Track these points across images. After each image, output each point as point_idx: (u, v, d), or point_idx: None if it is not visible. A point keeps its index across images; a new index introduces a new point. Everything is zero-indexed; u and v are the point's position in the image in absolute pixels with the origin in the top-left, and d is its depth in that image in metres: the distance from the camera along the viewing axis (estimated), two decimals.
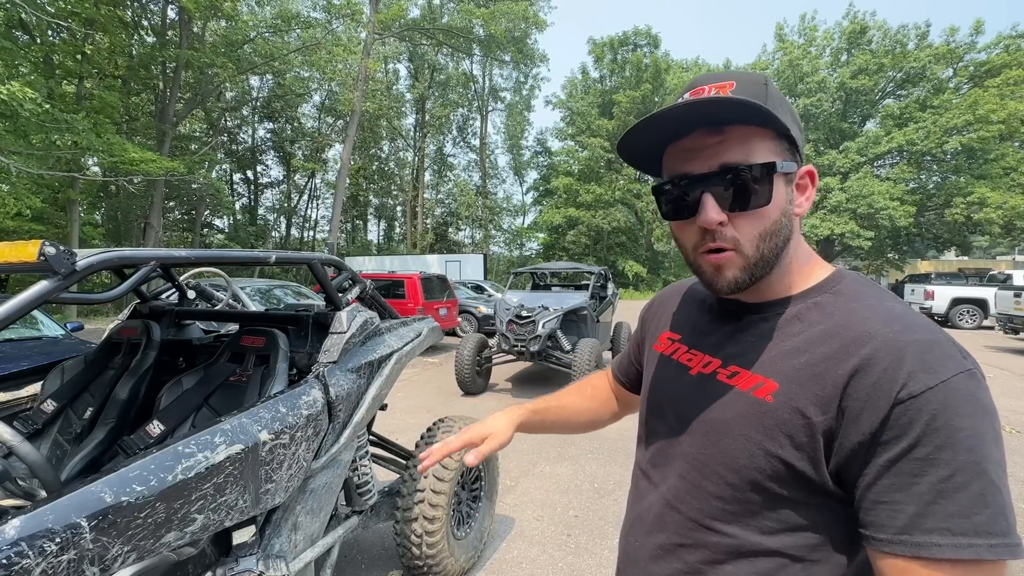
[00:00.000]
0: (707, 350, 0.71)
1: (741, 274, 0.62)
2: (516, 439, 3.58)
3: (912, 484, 0.50)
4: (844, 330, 0.58)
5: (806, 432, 0.56)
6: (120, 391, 1.99)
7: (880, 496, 0.52)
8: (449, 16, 26.17)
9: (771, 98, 0.59)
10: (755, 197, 0.59)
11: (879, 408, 0.52)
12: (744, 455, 0.61)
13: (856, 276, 0.66)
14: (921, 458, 0.49)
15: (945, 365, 0.51)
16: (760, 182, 0.59)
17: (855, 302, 0.61)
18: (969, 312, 13.88)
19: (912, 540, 0.49)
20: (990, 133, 22.30)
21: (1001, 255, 36.10)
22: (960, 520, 0.48)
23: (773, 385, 0.60)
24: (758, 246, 0.61)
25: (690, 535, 0.66)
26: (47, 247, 1.11)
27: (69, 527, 1.01)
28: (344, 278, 2.16)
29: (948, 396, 0.49)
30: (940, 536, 0.48)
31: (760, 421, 0.60)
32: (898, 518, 0.50)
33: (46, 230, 15.06)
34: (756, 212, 0.60)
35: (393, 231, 38.29)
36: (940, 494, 0.48)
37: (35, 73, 12.80)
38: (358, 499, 2.05)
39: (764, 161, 0.59)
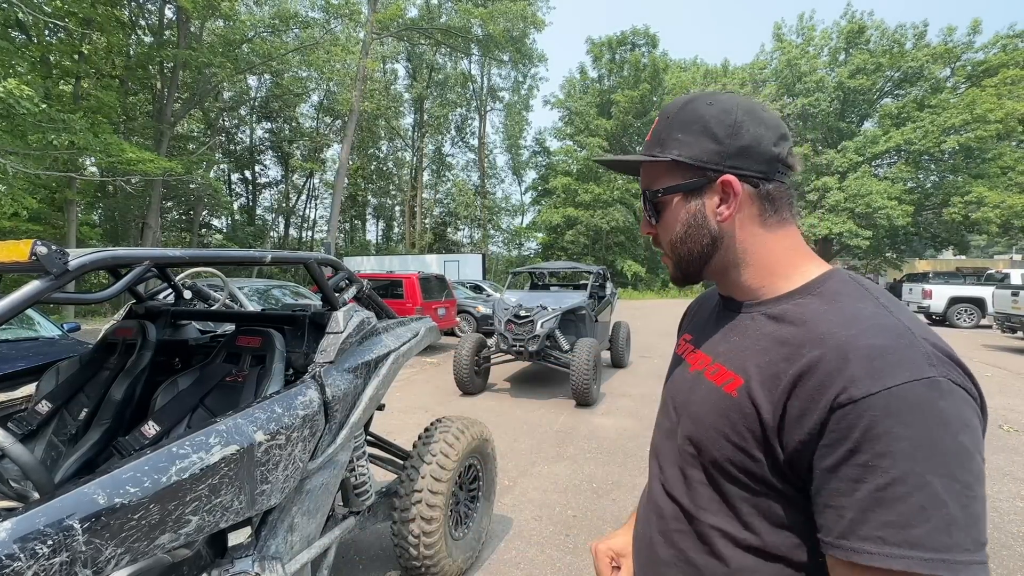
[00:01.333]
0: (705, 349, 0.76)
1: (675, 271, 0.76)
2: (514, 438, 3.57)
3: (853, 489, 0.50)
4: (804, 331, 0.59)
5: (760, 428, 0.59)
6: (115, 392, 1.98)
7: (827, 499, 0.52)
8: (447, 16, 26.13)
9: (671, 128, 0.70)
10: (652, 215, 0.75)
11: (819, 411, 0.52)
12: (716, 447, 0.64)
13: (844, 277, 0.66)
14: (861, 464, 0.49)
15: (895, 371, 0.50)
16: (651, 203, 0.74)
17: (829, 303, 0.61)
18: (967, 311, 13.91)
19: (848, 545, 0.50)
20: (988, 133, 22.34)
21: (999, 254, 36.17)
22: (894, 530, 0.47)
23: (739, 380, 0.64)
24: (674, 251, 0.73)
25: (683, 523, 0.70)
26: (39, 247, 1.10)
27: (61, 529, 1.00)
28: (341, 278, 2.16)
29: (891, 403, 0.49)
30: (873, 544, 0.48)
31: (727, 415, 0.63)
32: (840, 522, 0.51)
33: (43, 230, 15.01)
34: (661, 225, 0.74)
35: (392, 231, 38.25)
36: (877, 502, 0.48)
37: (32, 73, 12.75)
38: (355, 500, 2.05)
39: (652, 189, 0.73)
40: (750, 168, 0.66)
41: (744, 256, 0.70)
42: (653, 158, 0.71)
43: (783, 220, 0.69)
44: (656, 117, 0.75)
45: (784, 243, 0.69)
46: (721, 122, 0.67)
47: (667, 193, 0.71)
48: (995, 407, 5.70)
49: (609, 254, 32.31)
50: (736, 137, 0.66)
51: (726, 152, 0.66)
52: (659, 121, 0.73)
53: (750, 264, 0.70)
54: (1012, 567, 2.64)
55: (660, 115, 0.74)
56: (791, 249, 0.70)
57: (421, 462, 2.26)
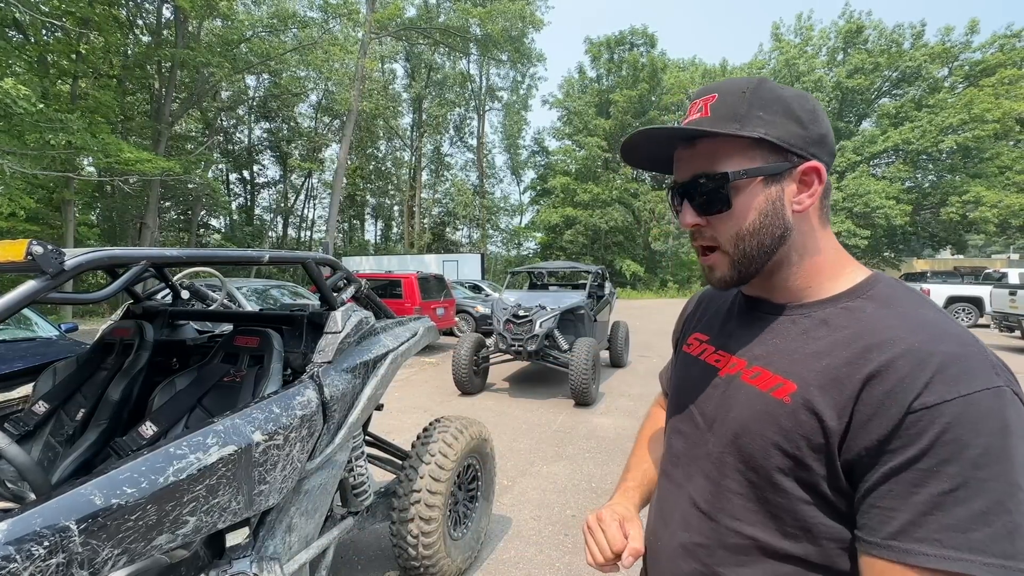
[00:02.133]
0: (734, 351, 0.72)
1: (730, 271, 0.68)
2: (513, 438, 3.56)
3: (911, 494, 0.49)
4: (868, 335, 0.57)
5: (822, 435, 0.56)
6: (113, 392, 1.98)
7: (876, 500, 0.51)
8: (446, 15, 26.11)
9: (752, 106, 0.63)
10: (716, 203, 0.65)
11: (891, 416, 0.51)
12: (761, 455, 0.61)
13: (892, 281, 0.64)
14: (924, 469, 0.48)
15: (969, 379, 0.49)
16: (718, 189, 0.64)
17: (886, 308, 0.60)
18: (965, 310, 13.93)
19: (900, 546, 0.49)
20: (985, 132, 22.42)
21: (996, 253, 36.23)
22: (954, 534, 0.46)
23: (792, 386, 0.60)
24: (737, 244, 0.65)
25: (712, 535, 0.66)
26: (34, 246, 1.10)
27: (58, 530, 1.00)
28: (339, 277, 2.15)
29: (965, 411, 0.48)
30: (929, 546, 0.47)
31: (777, 422, 0.60)
32: (890, 524, 0.50)
33: (41, 230, 14.97)
34: (727, 215, 0.65)
35: (390, 231, 38.21)
36: (937, 506, 0.47)
37: (30, 72, 12.71)
38: (354, 500, 2.04)
39: (721, 171, 0.64)
40: (823, 158, 0.64)
41: (803, 253, 0.66)
42: (737, 133, 0.62)
43: (828, 218, 0.67)
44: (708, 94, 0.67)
45: (832, 242, 0.67)
46: (802, 106, 0.64)
47: (750, 175, 0.63)
48: None
49: (608, 254, 32.30)
50: (816, 124, 0.64)
51: (810, 137, 0.63)
52: (724, 96, 0.65)
53: (804, 262, 0.66)
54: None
55: (723, 91, 0.66)
56: (836, 249, 0.67)
57: (420, 462, 2.25)
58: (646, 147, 0.71)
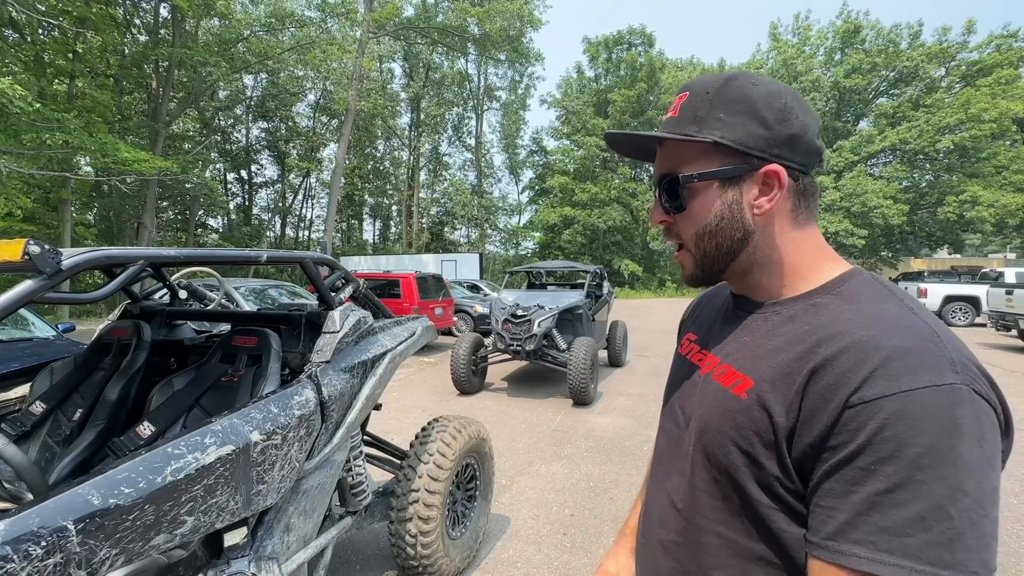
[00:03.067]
0: (712, 349, 0.73)
1: (694, 269, 0.69)
2: (512, 438, 3.56)
3: (850, 492, 0.48)
4: (821, 330, 0.56)
5: (771, 432, 0.55)
6: (110, 392, 1.97)
7: (820, 500, 0.51)
8: (444, 15, 26.11)
9: (713, 106, 0.63)
10: (676, 203, 0.67)
11: (830, 410, 0.50)
12: (721, 451, 0.61)
13: (866, 277, 0.63)
14: (862, 467, 0.47)
15: (915, 374, 0.47)
16: (677, 190, 0.66)
17: (850, 303, 0.58)
18: (962, 310, 13.98)
19: (836, 547, 0.48)
20: (982, 132, 22.49)
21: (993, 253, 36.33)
22: (888, 537, 0.45)
23: (749, 382, 0.60)
24: (698, 244, 0.67)
25: (685, 533, 0.66)
26: (31, 246, 1.09)
27: (55, 530, 1.00)
28: (337, 277, 2.15)
29: (905, 407, 0.46)
30: (863, 548, 0.46)
31: (733, 418, 0.60)
32: (829, 523, 0.49)
33: (38, 230, 14.93)
34: (687, 214, 0.66)
35: (389, 230, 38.17)
36: (873, 507, 0.46)
37: (26, 72, 12.67)
38: (352, 499, 2.04)
39: (676, 173, 0.65)
40: (793, 159, 0.62)
41: (772, 254, 0.65)
42: (689, 137, 0.63)
43: (810, 218, 0.66)
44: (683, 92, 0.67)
45: (810, 242, 0.66)
46: (770, 105, 0.61)
47: (702, 179, 0.63)
48: None
49: (606, 253, 32.32)
50: (786, 124, 0.61)
51: (774, 139, 0.61)
52: (692, 96, 0.65)
53: (776, 263, 0.65)
54: (1006, 564, 2.65)
55: (693, 90, 0.66)
56: (816, 249, 0.66)
57: (418, 461, 2.25)
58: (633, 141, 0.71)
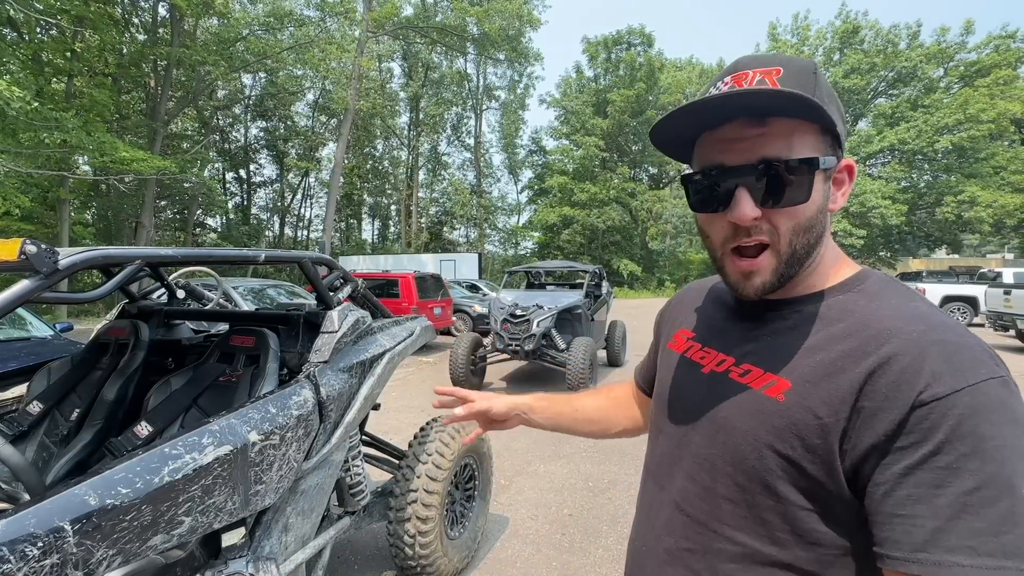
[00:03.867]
0: (721, 348, 0.69)
1: (771, 278, 0.60)
2: (511, 437, 3.53)
3: (933, 496, 0.45)
4: (864, 328, 0.55)
5: (818, 434, 0.53)
6: (107, 392, 1.97)
7: (896, 508, 0.47)
8: (443, 14, 26.11)
9: (819, 88, 0.56)
10: (793, 193, 0.56)
11: (898, 409, 0.48)
12: (753, 456, 0.58)
13: (882, 276, 0.62)
14: (943, 467, 0.45)
15: (975, 368, 0.47)
16: (800, 178, 0.56)
17: (878, 300, 0.57)
18: (960, 310, 14.00)
19: (931, 559, 0.44)
20: (980, 132, 22.55)
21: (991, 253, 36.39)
22: (987, 538, 0.43)
23: (786, 384, 0.57)
24: (791, 242, 0.58)
25: (698, 540, 0.63)
26: (28, 245, 1.09)
27: (52, 531, 0.99)
28: (335, 277, 2.15)
29: (977, 400, 0.45)
30: (964, 555, 0.43)
31: (770, 421, 0.57)
32: (916, 533, 0.45)
33: (35, 229, 14.90)
34: (793, 208, 0.57)
35: (388, 230, 38.15)
36: (964, 508, 0.44)
37: (24, 71, 12.64)
38: (350, 499, 2.04)
39: (806, 156, 0.56)
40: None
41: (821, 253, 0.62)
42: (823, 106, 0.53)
43: None
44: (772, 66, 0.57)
45: (832, 240, 0.65)
46: (837, 100, 0.59)
47: (815, 168, 0.56)
48: None
49: (605, 253, 32.34)
50: (844, 120, 0.60)
51: (844, 134, 0.59)
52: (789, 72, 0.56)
53: (817, 263, 0.62)
54: None
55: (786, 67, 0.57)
56: (834, 247, 0.65)
57: (417, 461, 2.25)
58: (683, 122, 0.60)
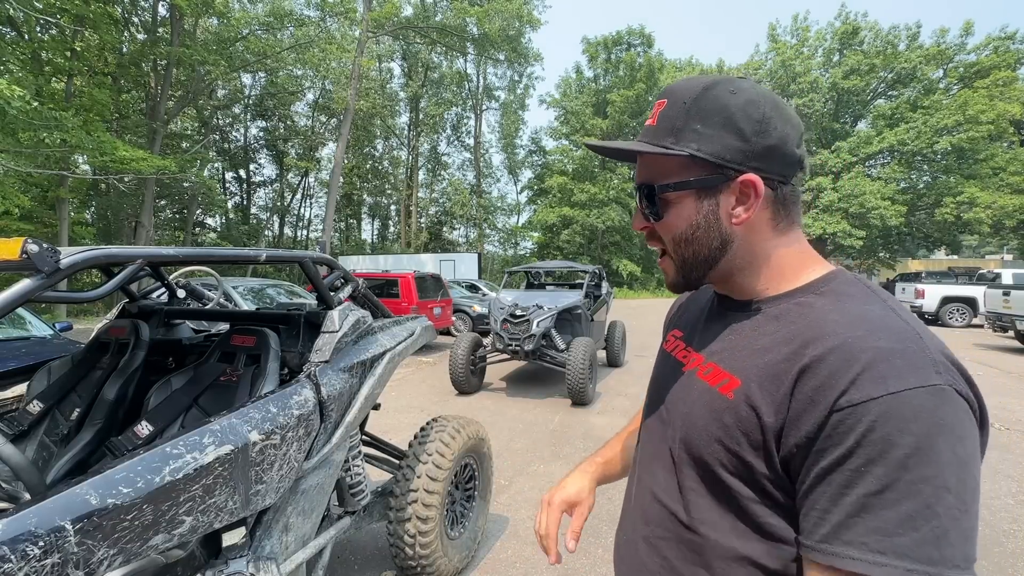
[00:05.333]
0: (697, 347, 0.73)
1: (675, 276, 0.70)
2: (511, 438, 3.55)
3: (841, 495, 0.49)
4: (807, 330, 0.57)
5: (759, 431, 0.56)
6: (108, 392, 1.96)
7: (813, 503, 0.51)
8: (443, 14, 26.10)
9: (690, 118, 0.62)
10: (654, 210, 0.67)
11: (818, 412, 0.51)
12: (708, 450, 0.61)
13: (849, 278, 0.64)
14: (853, 469, 0.48)
15: (900, 376, 0.48)
16: (652, 200, 0.67)
17: (834, 303, 0.59)
18: (959, 310, 14.02)
19: (829, 549, 0.49)
20: (979, 133, 22.55)
21: (990, 254, 36.50)
22: (879, 537, 0.46)
23: (736, 382, 0.61)
24: (676, 251, 0.68)
25: (671, 529, 0.67)
26: (29, 245, 1.09)
27: (53, 530, 0.99)
28: (336, 277, 2.15)
29: (892, 409, 0.47)
30: (856, 549, 0.47)
31: (720, 417, 0.60)
32: (822, 526, 0.50)
33: (35, 229, 14.90)
34: (664, 222, 0.67)
35: (387, 230, 38.16)
36: (864, 508, 0.47)
37: (24, 70, 12.63)
38: (351, 499, 2.04)
39: (653, 183, 0.66)
40: (772, 170, 0.62)
41: (753, 260, 0.66)
42: (665, 151, 0.63)
43: (792, 224, 0.66)
44: (662, 98, 0.66)
45: (793, 247, 0.66)
46: (748, 116, 0.61)
47: (678, 189, 0.64)
48: (987, 405, 5.72)
49: (605, 253, 32.35)
50: (763, 135, 0.61)
51: (751, 151, 0.61)
52: (670, 105, 0.64)
53: (757, 268, 0.66)
54: (1003, 564, 2.66)
55: (671, 98, 0.65)
56: (799, 252, 0.67)
57: (417, 461, 2.25)
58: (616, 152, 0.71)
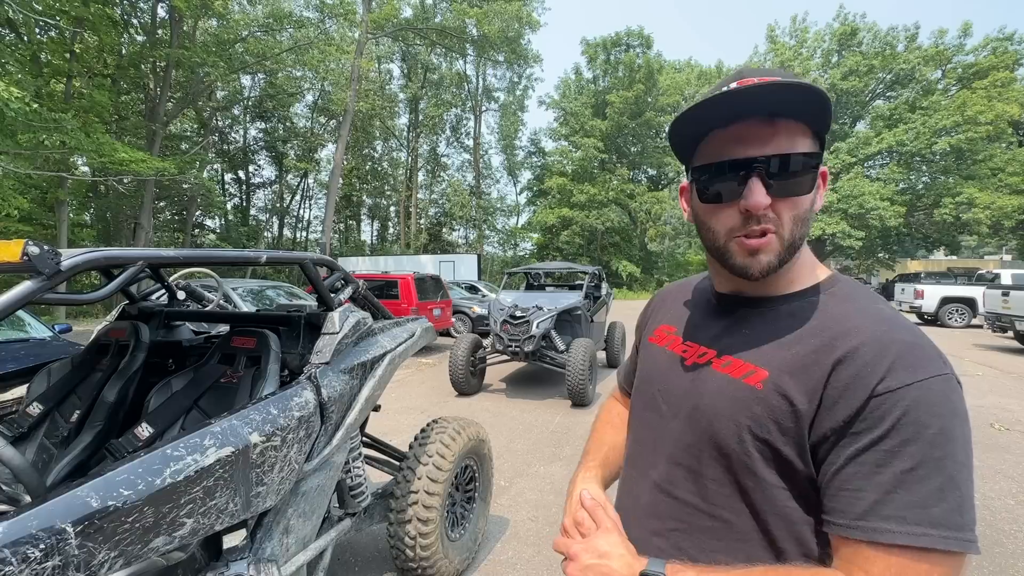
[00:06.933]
0: (703, 342, 0.74)
1: (775, 258, 0.64)
2: (511, 439, 3.54)
3: (875, 473, 0.53)
4: (834, 325, 0.62)
5: (792, 419, 0.59)
6: (108, 393, 1.96)
7: (844, 483, 0.55)
8: (442, 16, 26.15)
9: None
10: (799, 184, 0.62)
11: (856, 398, 0.55)
12: (734, 439, 0.64)
13: (850, 280, 0.69)
14: (887, 450, 0.52)
15: (925, 366, 0.54)
16: (805, 171, 0.62)
17: (848, 302, 0.64)
18: (958, 311, 14.03)
19: (868, 526, 0.52)
20: (978, 134, 22.57)
21: (989, 255, 36.52)
22: (917, 510, 0.51)
23: (763, 373, 0.63)
24: (792, 231, 0.63)
25: (686, 519, 0.69)
26: (30, 247, 1.09)
27: (54, 533, 0.99)
28: (336, 278, 2.15)
29: (923, 395, 0.52)
30: (896, 523, 0.51)
31: (749, 407, 0.63)
32: (858, 504, 0.53)
33: (34, 231, 14.85)
34: (797, 199, 0.63)
35: (387, 231, 38.15)
36: (900, 484, 0.51)
37: (23, 72, 12.62)
38: (351, 501, 2.03)
39: (810, 151, 0.62)
40: None
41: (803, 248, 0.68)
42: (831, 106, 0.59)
43: None
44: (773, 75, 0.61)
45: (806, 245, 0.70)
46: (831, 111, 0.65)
47: (817, 162, 0.63)
48: (987, 406, 5.75)
49: (604, 254, 32.36)
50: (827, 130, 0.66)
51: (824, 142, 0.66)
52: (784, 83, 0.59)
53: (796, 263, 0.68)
54: (1003, 564, 2.66)
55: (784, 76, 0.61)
56: (808, 251, 0.71)
57: (417, 463, 2.25)
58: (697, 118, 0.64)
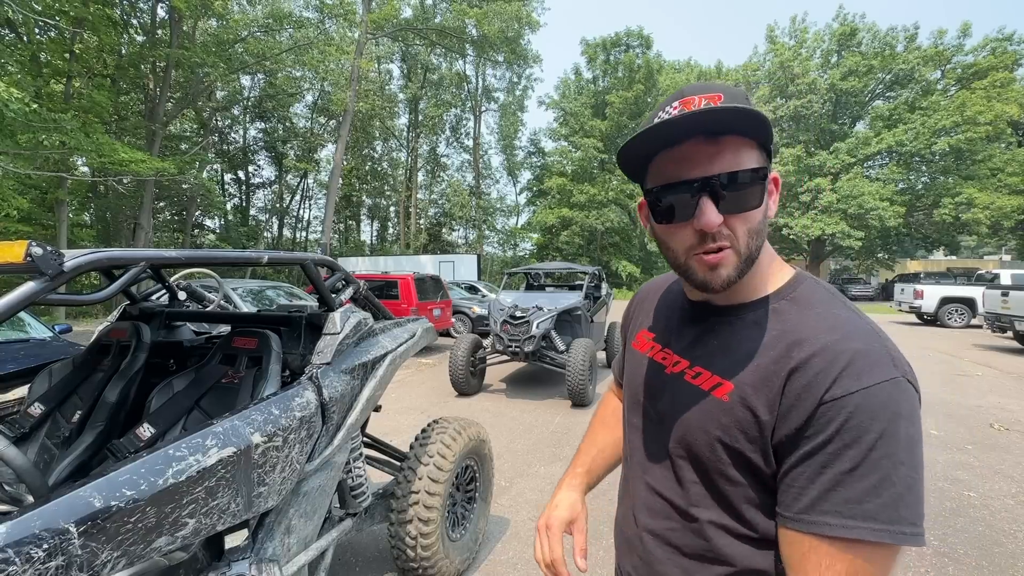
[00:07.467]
0: (678, 351, 0.78)
1: (734, 271, 0.65)
2: (511, 439, 3.54)
3: (819, 474, 0.57)
4: (791, 335, 0.64)
5: (756, 428, 0.63)
6: (109, 394, 1.96)
7: (792, 481, 0.59)
8: (442, 16, 26.15)
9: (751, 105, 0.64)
10: (748, 199, 0.63)
11: (806, 407, 0.58)
12: (707, 448, 0.68)
13: (811, 282, 0.71)
14: (831, 452, 0.56)
15: (870, 373, 0.57)
16: (753, 186, 0.63)
17: (807, 309, 0.66)
18: (958, 311, 14.05)
19: (808, 519, 0.57)
20: (977, 134, 22.60)
21: (988, 255, 36.55)
22: (851, 506, 0.55)
23: (729, 386, 0.67)
24: (748, 244, 0.65)
25: (678, 520, 0.73)
26: (34, 247, 1.09)
27: (57, 533, 0.99)
28: (337, 279, 2.15)
29: (864, 401, 0.56)
30: (832, 517, 0.56)
31: (718, 419, 0.66)
32: (801, 500, 0.58)
33: (34, 231, 14.84)
34: (749, 213, 0.64)
35: (386, 231, 38.16)
36: (840, 483, 0.55)
37: (23, 72, 12.62)
38: (352, 501, 2.04)
39: (756, 166, 0.63)
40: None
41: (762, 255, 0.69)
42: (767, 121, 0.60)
43: None
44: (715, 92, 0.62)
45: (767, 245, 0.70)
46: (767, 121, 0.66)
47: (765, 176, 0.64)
48: (986, 406, 5.76)
49: (604, 255, 32.38)
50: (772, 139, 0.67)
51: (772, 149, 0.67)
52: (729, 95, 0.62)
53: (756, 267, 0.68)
54: (1003, 564, 2.67)
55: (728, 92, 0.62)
56: (769, 252, 0.72)
57: (418, 463, 2.25)
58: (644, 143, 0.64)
